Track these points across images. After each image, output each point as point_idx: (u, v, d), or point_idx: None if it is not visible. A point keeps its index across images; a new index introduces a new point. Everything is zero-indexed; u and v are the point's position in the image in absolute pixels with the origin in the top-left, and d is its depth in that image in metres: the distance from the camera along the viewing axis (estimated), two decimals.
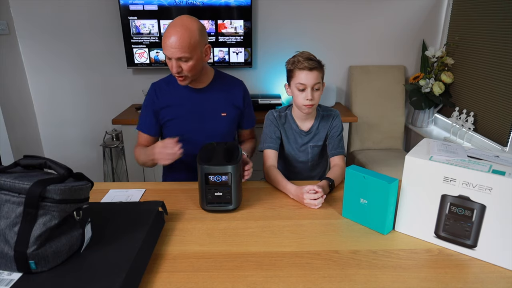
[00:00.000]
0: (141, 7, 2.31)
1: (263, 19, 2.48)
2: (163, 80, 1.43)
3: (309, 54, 1.29)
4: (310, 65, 1.25)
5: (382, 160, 2.33)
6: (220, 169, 1.05)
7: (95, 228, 0.84)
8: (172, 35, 1.21)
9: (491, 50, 2.05)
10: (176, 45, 1.21)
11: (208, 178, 1.06)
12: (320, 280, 0.79)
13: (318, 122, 1.40)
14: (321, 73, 1.30)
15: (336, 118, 1.41)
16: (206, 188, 1.07)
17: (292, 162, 1.45)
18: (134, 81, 2.57)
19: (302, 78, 1.27)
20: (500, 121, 1.97)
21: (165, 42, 1.22)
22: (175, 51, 1.22)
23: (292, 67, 1.29)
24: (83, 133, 2.68)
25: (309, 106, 1.29)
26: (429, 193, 0.90)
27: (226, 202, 1.08)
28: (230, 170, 1.05)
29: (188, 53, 1.23)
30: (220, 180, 1.06)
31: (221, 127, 1.42)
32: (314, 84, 1.27)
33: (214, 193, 1.07)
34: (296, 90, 1.30)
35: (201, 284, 0.78)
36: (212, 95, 1.41)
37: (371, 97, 2.53)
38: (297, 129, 1.40)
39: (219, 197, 1.08)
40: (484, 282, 0.80)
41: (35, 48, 2.45)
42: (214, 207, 1.09)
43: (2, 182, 0.71)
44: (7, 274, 0.71)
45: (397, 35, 2.55)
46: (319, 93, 1.30)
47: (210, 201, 1.08)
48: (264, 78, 2.62)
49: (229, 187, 1.07)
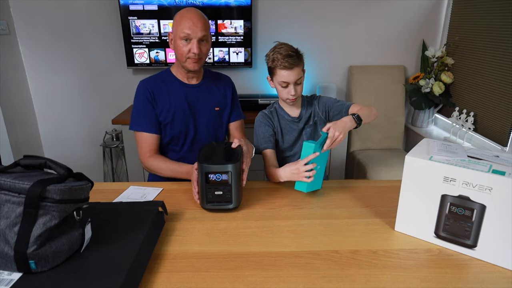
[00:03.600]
0: (141, 7, 2.31)
1: (263, 19, 2.48)
2: (156, 78, 1.42)
3: (287, 49, 1.29)
4: (291, 64, 1.27)
5: (382, 160, 2.33)
6: (220, 168, 1.06)
7: (95, 228, 0.84)
8: (193, 16, 1.28)
9: (491, 50, 2.05)
10: (201, 24, 1.28)
11: (208, 177, 1.06)
12: (320, 280, 0.79)
13: (305, 108, 1.45)
14: (301, 66, 1.33)
15: (319, 97, 1.47)
16: (206, 187, 1.07)
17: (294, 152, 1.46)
18: (134, 81, 2.57)
19: (284, 77, 1.30)
20: (500, 121, 1.97)
21: (187, 23, 1.27)
22: (199, 30, 1.28)
23: (273, 65, 1.31)
24: (83, 133, 2.68)
25: (293, 100, 1.35)
26: (429, 193, 0.90)
27: (226, 201, 1.09)
28: (230, 169, 1.05)
29: (208, 32, 1.31)
30: (220, 179, 1.06)
31: (215, 121, 1.47)
32: (296, 80, 1.31)
33: (214, 192, 1.07)
34: (279, 86, 1.34)
35: (201, 284, 0.78)
36: (206, 90, 1.45)
37: (371, 97, 2.53)
38: (289, 117, 1.44)
39: (219, 196, 1.08)
40: (484, 282, 0.79)
41: (35, 48, 2.45)
42: (214, 206, 1.09)
43: (2, 182, 0.71)
44: (7, 274, 0.71)
45: (397, 35, 2.55)
46: (301, 86, 1.35)
47: (210, 200, 1.08)
48: (264, 78, 2.61)
49: (229, 186, 1.07)
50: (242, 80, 2.59)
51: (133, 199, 1.17)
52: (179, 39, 1.30)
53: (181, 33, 1.29)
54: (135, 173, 2.31)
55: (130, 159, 2.27)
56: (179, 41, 1.31)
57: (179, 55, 1.34)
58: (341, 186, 1.28)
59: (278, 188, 1.26)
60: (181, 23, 1.29)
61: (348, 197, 1.19)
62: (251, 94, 2.53)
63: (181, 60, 1.34)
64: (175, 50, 1.34)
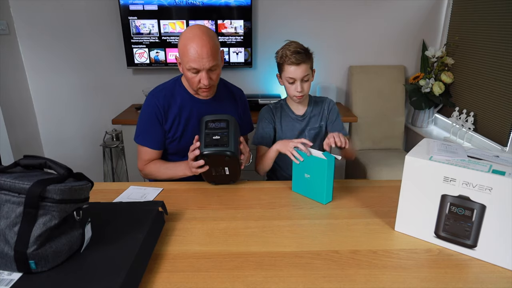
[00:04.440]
0: (141, 7, 2.31)
1: (263, 19, 2.48)
2: (166, 91, 1.34)
3: (296, 47, 1.31)
4: (298, 60, 1.29)
5: (382, 160, 2.33)
6: (219, 116, 1.19)
7: (95, 228, 0.84)
8: (200, 45, 1.16)
9: (491, 50, 2.05)
10: (208, 54, 1.17)
11: (208, 124, 1.16)
12: (320, 280, 0.79)
13: (311, 107, 1.46)
14: (309, 64, 1.34)
15: (331, 102, 1.48)
16: (205, 133, 1.14)
17: None
18: (134, 81, 2.57)
19: (291, 72, 1.31)
20: (500, 121, 1.97)
21: (192, 55, 1.17)
22: (207, 61, 1.18)
23: (281, 61, 1.33)
24: (83, 133, 2.68)
25: (300, 97, 1.36)
26: (429, 193, 0.90)
27: (223, 145, 1.13)
28: (228, 118, 1.17)
29: (217, 57, 1.22)
30: (218, 126, 1.16)
31: None
32: (303, 77, 1.32)
33: (212, 136, 1.14)
34: (286, 82, 1.36)
35: (201, 284, 0.78)
36: (218, 106, 1.38)
37: (371, 97, 2.53)
38: (293, 115, 1.45)
39: (217, 140, 1.14)
40: (484, 282, 0.79)
41: (35, 48, 2.45)
42: (211, 150, 1.13)
43: (2, 182, 0.71)
44: (7, 274, 0.71)
45: (397, 35, 2.55)
46: (308, 83, 1.36)
47: (208, 143, 1.13)
48: (264, 78, 2.63)
49: (226, 131, 1.15)
50: (242, 80, 2.59)
51: (133, 199, 1.17)
52: (186, 70, 1.23)
53: (187, 65, 1.20)
54: (135, 173, 2.31)
55: (130, 159, 2.27)
56: (187, 71, 1.23)
57: (189, 83, 1.27)
58: (341, 186, 1.28)
59: (278, 188, 1.26)
60: (186, 53, 1.18)
61: (348, 197, 1.19)
62: (251, 94, 2.53)
63: (192, 88, 1.28)
64: (185, 76, 1.27)
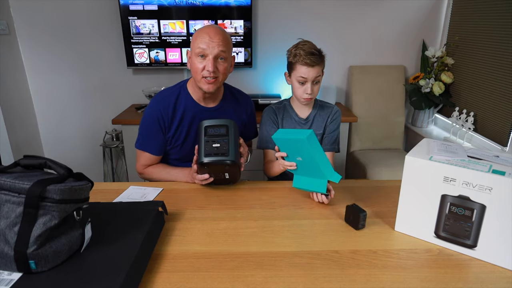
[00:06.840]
0: (141, 7, 2.31)
1: (263, 19, 2.48)
2: (170, 97, 1.31)
3: (310, 47, 1.28)
4: (313, 62, 1.26)
5: (382, 160, 2.33)
6: (218, 121, 1.16)
7: (95, 228, 0.84)
8: (211, 30, 1.18)
9: (491, 50, 2.05)
10: (219, 39, 1.18)
11: (207, 130, 1.13)
12: (320, 280, 0.79)
13: (316, 111, 1.42)
14: (322, 67, 1.31)
15: (337, 112, 1.43)
16: (205, 140, 1.12)
17: None
18: (134, 81, 2.57)
19: (304, 72, 1.28)
20: (500, 121, 1.97)
21: (204, 37, 1.18)
22: (216, 44, 1.18)
23: (294, 60, 1.29)
24: (83, 133, 2.68)
25: (308, 99, 1.32)
26: (429, 193, 0.90)
27: (223, 154, 1.11)
28: (227, 123, 1.14)
29: (227, 50, 1.21)
30: (218, 132, 1.13)
31: None
32: (315, 78, 1.29)
33: (212, 144, 1.11)
34: (296, 82, 1.31)
35: (201, 284, 0.78)
36: (223, 115, 1.36)
37: (371, 97, 2.53)
38: (297, 118, 1.41)
39: (217, 148, 1.11)
40: (484, 282, 0.80)
41: (35, 48, 2.45)
42: (212, 160, 1.11)
43: (2, 182, 0.71)
44: (7, 274, 0.71)
45: (397, 35, 2.55)
46: (318, 86, 1.32)
47: (208, 152, 1.11)
48: (264, 78, 2.62)
49: (226, 138, 1.12)
50: (242, 80, 2.59)
51: (133, 199, 1.17)
52: (194, 55, 1.22)
53: (196, 48, 1.20)
54: (135, 173, 2.30)
55: (130, 159, 2.27)
56: (195, 57, 1.22)
57: (194, 73, 1.25)
58: (341, 186, 1.27)
59: (278, 188, 1.26)
60: (197, 37, 1.20)
61: (348, 197, 1.19)
62: (251, 94, 2.52)
63: (196, 79, 1.25)
64: (191, 67, 1.26)
